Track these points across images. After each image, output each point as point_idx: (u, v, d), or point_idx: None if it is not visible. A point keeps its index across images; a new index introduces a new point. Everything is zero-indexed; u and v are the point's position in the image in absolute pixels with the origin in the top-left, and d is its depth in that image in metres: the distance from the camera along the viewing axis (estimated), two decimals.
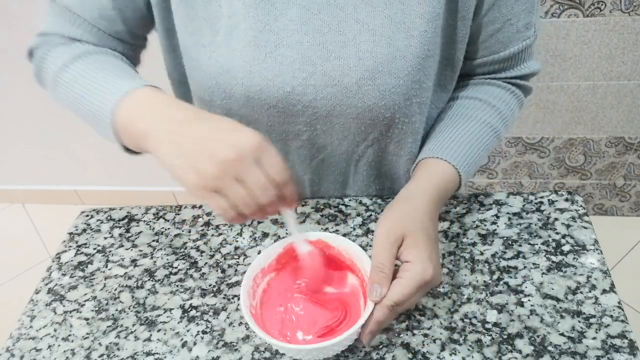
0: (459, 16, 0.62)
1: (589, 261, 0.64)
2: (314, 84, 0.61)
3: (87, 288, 0.69)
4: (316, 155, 0.72)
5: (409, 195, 0.59)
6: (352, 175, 0.75)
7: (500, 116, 0.69)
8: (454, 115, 0.69)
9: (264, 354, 0.59)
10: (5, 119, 1.94)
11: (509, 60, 0.68)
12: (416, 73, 0.61)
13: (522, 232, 0.68)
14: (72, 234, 0.77)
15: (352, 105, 0.63)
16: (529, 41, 0.67)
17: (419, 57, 0.60)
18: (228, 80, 0.62)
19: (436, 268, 0.52)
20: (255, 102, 0.63)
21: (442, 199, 0.61)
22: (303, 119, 0.65)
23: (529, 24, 0.65)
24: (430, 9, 0.58)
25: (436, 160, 0.64)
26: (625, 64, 1.44)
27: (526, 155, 1.71)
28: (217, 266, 0.69)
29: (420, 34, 0.59)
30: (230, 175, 0.47)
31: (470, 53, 0.68)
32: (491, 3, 0.62)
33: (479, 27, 0.65)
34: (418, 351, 0.57)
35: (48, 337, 0.64)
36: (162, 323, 0.63)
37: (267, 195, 0.48)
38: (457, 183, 0.64)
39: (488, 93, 0.70)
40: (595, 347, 0.55)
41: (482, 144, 0.66)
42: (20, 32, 1.67)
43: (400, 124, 0.66)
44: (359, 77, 0.60)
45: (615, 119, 1.58)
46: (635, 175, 1.72)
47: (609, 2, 1.31)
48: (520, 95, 0.72)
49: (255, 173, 0.47)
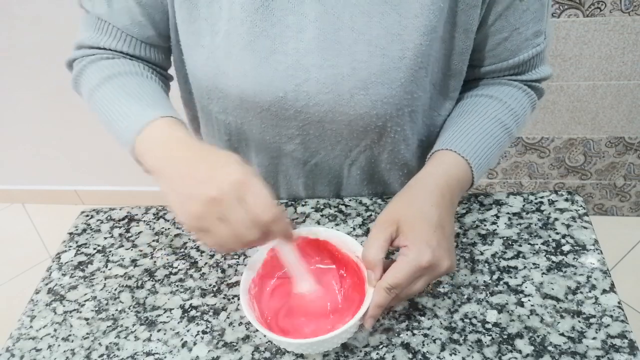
0: (460, 29, 0.61)
1: (589, 261, 0.64)
2: (307, 90, 0.61)
3: (87, 288, 0.69)
4: (309, 160, 0.72)
5: (411, 184, 0.60)
6: (346, 179, 0.76)
7: (512, 113, 0.68)
8: (465, 112, 0.69)
9: (264, 354, 0.59)
10: (5, 119, 1.94)
11: (518, 67, 0.68)
12: (409, 84, 0.61)
13: (522, 232, 0.68)
14: (72, 234, 0.77)
15: (344, 113, 0.63)
16: (539, 48, 0.66)
17: (412, 69, 0.60)
18: (224, 82, 0.63)
19: (436, 252, 0.53)
20: (249, 104, 0.64)
21: (451, 187, 0.60)
22: (295, 123, 0.66)
23: (539, 31, 0.64)
24: (427, 22, 0.58)
25: (445, 152, 0.63)
26: (625, 64, 1.44)
27: (526, 155, 1.71)
28: (217, 266, 0.69)
29: (415, 46, 0.59)
30: (214, 215, 0.48)
31: (477, 61, 0.68)
32: (498, 13, 0.61)
33: (486, 37, 0.64)
34: (418, 351, 0.57)
35: (48, 337, 0.64)
36: (162, 323, 0.63)
37: (252, 234, 0.48)
38: (468, 173, 0.62)
39: (500, 91, 0.70)
40: (595, 347, 0.55)
41: (493, 139, 0.65)
42: (20, 32, 1.67)
43: (392, 132, 0.66)
44: (352, 86, 0.60)
45: (615, 119, 1.58)
46: (635, 175, 1.72)
47: (609, 2, 1.31)
48: (532, 95, 0.71)
49: (237, 212, 0.47)
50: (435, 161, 0.63)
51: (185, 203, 0.49)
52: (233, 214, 0.47)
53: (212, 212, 0.48)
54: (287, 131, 0.67)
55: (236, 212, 0.47)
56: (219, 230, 0.48)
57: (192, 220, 0.49)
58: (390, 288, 0.52)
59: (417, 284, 0.53)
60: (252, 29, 0.59)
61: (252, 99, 0.63)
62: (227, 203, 0.47)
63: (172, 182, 0.51)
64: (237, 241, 0.49)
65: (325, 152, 0.70)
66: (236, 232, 0.48)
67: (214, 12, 0.61)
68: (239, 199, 0.47)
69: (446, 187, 0.59)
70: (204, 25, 0.62)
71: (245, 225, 0.48)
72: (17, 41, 1.69)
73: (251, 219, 0.48)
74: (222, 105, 0.66)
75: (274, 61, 0.60)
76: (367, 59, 0.59)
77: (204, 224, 0.48)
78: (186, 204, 0.49)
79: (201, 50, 0.63)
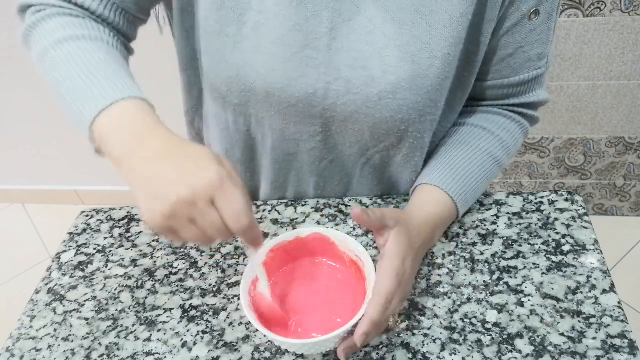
0: (478, 42, 0.62)
1: (589, 261, 0.64)
2: (336, 89, 0.61)
3: (87, 288, 0.69)
4: (326, 157, 0.72)
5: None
6: (357, 179, 0.75)
7: (503, 146, 0.70)
8: (456, 142, 0.71)
9: (264, 354, 0.59)
10: (5, 119, 1.94)
11: (518, 86, 0.69)
12: (434, 92, 0.62)
13: (522, 232, 0.68)
14: (72, 234, 0.77)
15: (370, 115, 0.63)
16: (540, 71, 0.67)
17: (439, 78, 0.61)
18: (250, 74, 0.61)
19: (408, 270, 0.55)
20: (275, 99, 0.63)
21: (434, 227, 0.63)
22: (320, 121, 0.65)
23: (542, 54, 0.65)
24: (456, 33, 0.59)
25: (431, 188, 0.66)
26: (625, 64, 1.44)
27: (526, 155, 1.71)
28: (217, 266, 0.69)
29: (443, 56, 0.59)
30: (182, 215, 0.46)
31: (481, 75, 0.68)
32: (507, 29, 0.63)
33: (493, 50, 0.65)
34: (418, 351, 0.57)
35: (48, 337, 0.64)
36: (162, 323, 0.63)
37: (221, 237, 0.47)
38: (452, 210, 0.66)
39: (493, 122, 0.71)
40: (595, 347, 0.55)
41: (481, 172, 0.68)
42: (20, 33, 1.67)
43: (412, 138, 0.67)
44: (381, 90, 0.60)
45: (615, 119, 1.58)
46: (635, 175, 1.72)
47: (609, 2, 1.31)
48: (525, 125, 0.73)
49: (207, 215, 0.46)
50: (419, 199, 0.66)
51: (154, 203, 0.46)
52: (202, 219, 0.46)
53: (182, 213, 0.46)
54: (309, 129, 0.67)
55: (207, 216, 0.46)
56: (186, 231, 0.47)
57: (160, 220, 0.46)
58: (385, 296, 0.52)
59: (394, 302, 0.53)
60: (285, 23, 0.59)
61: (279, 93, 0.62)
62: (199, 206, 0.46)
63: (141, 179, 0.48)
64: (204, 242, 0.48)
65: (343, 149, 0.70)
66: (205, 234, 0.47)
67: (241, 2, 0.59)
68: (210, 203, 0.46)
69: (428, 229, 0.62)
70: (231, 14, 0.60)
71: (215, 229, 0.47)
72: (17, 41, 1.69)
73: (221, 225, 0.46)
74: (243, 97, 0.64)
75: (305, 57, 0.60)
76: (397, 64, 0.59)
77: (171, 223, 0.46)
78: (155, 204, 0.46)
79: (225, 40, 0.61)
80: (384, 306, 0.51)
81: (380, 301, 0.51)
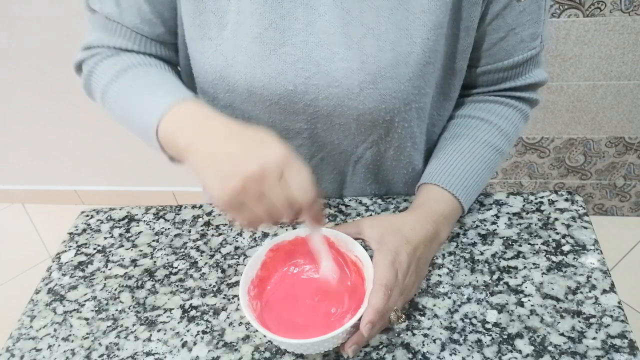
0: (462, 26, 0.62)
1: (589, 261, 0.64)
2: (316, 83, 0.61)
3: (87, 288, 0.69)
4: (316, 154, 0.72)
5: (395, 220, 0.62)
6: (350, 176, 0.75)
7: (502, 134, 0.70)
8: (455, 136, 0.70)
9: (264, 354, 0.59)
10: (5, 119, 1.94)
11: (513, 69, 0.68)
12: (417, 79, 0.62)
13: (522, 232, 0.68)
14: (72, 234, 0.77)
15: (353, 107, 0.63)
16: (535, 51, 0.66)
17: (420, 64, 0.61)
18: (232, 75, 0.62)
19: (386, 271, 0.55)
20: (257, 97, 0.64)
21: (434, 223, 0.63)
22: (304, 117, 0.66)
23: (535, 34, 0.65)
24: (434, 17, 0.58)
25: (433, 187, 0.66)
26: (625, 64, 1.44)
27: (526, 155, 1.71)
28: (217, 266, 0.69)
29: (422, 41, 0.59)
30: (252, 190, 0.47)
31: (474, 60, 0.68)
32: (496, 12, 0.62)
33: (483, 35, 0.65)
34: (418, 351, 0.57)
35: (48, 337, 0.64)
36: (162, 323, 0.63)
37: (288, 213, 0.48)
38: (457, 205, 0.66)
39: (490, 111, 0.71)
40: (595, 347, 0.55)
41: (482, 164, 0.67)
42: (20, 33, 1.67)
43: (400, 128, 0.66)
44: (361, 80, 0.60)
45: (615, 119, 1.58)
46: (635, 175, 1.72)
47: (609, 2, 1.31)
48: (524, 109, 0.72)
49: (276, 190, 0.47)
50: (420, 198, 0.66)
51: (225, 179, 0.47)
52: (272, 192, 0.47)
53: (252, 188, 0.47)
54: (295, 125, 0.67)
55: (276, 191, 0.47)
56: (255, 207, 0.48)
57: (231, 196, 0.47)
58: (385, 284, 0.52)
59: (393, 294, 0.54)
60: (261, 21, 0.59)
61: (260, 91, 0.63)
62: (268, 180, 0.47)
63: (209, 158, 0.50)
64: (270, 219, 0.49)
65: (332, 147, 0.70)
66: (272, 210, 0.48)
67: (221, 5, 0.61)
68: (279, 177, 0.47)
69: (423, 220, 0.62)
70: (212, 17, 0.61)
71: (282, 204, 0.48)
72: (17, 41, 1.69)
73: (289, 200, 0.48)
74: (229, 98, 0.66)
75: (283, 53, 0.60)
76: (376, 53, 0.59)
77: (242, 199, 0.47)
78: (225, 180, 0.47)
79: (208, 43, 0.62)
80: (385, 293, 0.52)
81: (381, 288, 0.52)
